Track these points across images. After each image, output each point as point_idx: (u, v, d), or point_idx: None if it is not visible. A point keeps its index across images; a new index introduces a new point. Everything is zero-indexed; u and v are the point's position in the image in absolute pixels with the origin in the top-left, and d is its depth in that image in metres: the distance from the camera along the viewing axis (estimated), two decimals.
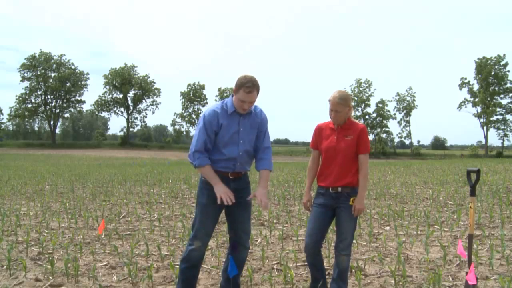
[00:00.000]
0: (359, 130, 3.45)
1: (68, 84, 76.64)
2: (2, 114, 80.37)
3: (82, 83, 78.93)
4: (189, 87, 76.65)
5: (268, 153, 3.50)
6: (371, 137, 73.85)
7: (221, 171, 3.35)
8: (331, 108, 3.43)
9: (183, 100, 76.52)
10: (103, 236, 5.92)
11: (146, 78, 78.95)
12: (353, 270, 4.26)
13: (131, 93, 78.47)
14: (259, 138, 3.48)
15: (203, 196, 3.37)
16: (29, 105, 76.04)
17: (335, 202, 3.46)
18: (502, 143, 67.29)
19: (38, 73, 75.42)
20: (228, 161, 3.35)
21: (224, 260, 3.67)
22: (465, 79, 67.17)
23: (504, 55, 64.91)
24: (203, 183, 3.39)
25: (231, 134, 3.33)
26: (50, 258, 4.55)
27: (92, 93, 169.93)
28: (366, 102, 71.02)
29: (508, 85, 64.55)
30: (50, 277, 4.21)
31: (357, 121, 3.57)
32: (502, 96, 65.30)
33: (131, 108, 79.21)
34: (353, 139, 3.43)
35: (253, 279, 4.08)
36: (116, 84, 77.09)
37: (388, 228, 6.46)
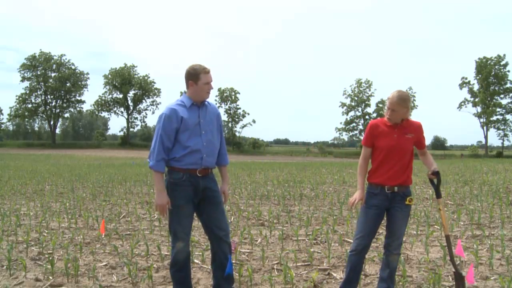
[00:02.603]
0: (418, 127, 3.46)
1: (68, 84, 76.57)
2: (2, 114, 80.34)
3: (82, 83, 78.87)
4: None
5: (224, 148, 3.67)
6: None
7: (189, 169, 3.34)
8: (389, 107, 3.39)
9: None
10: (103, 236, 5.92)
11: (146, 78, 78.87)
12: None
13: (131, 93, 78.39)
14: (219, 132, 3.60)
15: (175, 197, 3.35)
16: (29, 105, 75.98)
17: (389, 203, 3.41)
18: (502, 143, 67.37)
19: (38, 73, 75.39)
20: (194, 154, 3.34)
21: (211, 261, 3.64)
22: (466, 79, 67.20)
23: (504, 55, 64.95)
24: (172, 185, 3.37)
25: (193, 126, 3.37)
26: (50, 258, 4.54)
27: (92, 93, 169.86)
28: (366, 102, 70.98)
29: (508, 85, 64.54)
30: (50, 277, 4.21)
31: (411, 119, 3.51)
32: (502, 96, 65.30)
33: (131, 108, 79.13)
34: (413, 137, 3.42)
35: (253, 279, 4.08)
36: (116, 84, 77.01)
37: None
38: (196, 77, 3.36)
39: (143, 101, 79.38)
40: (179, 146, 3.35)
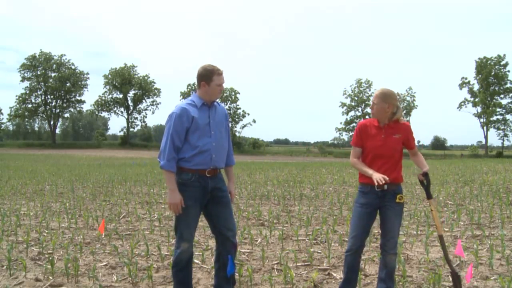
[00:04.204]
0: (406, 128, 3.47)
1: (68, 84, 76.59)
2: (2, 114, 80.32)
3: (82, 83, 78.89)
4: (189, 87, 76.66)
5: (231, 149, 3.68)
6: None
7: (198, 169, 3.34)
8: (371, 101, 3.46)
9: (183, 100, 76.43)
10: (103, 236, 5.92)
11: (146, 78, 78.87)
12: None
13: (131, 93, 78.40)
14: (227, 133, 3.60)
15: (184, 198, 3.34)
16: (29, 105, 76.01)
17: (380, 201, 3.41)
18: (502, 143, 67.38)
19: (38, 73, 75.40)
20: (203, 154, 3.34)
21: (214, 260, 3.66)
22: (466, 79, 67.22)
23: (504, 55, 64.94)
24: (181, 185, 3.36)
25: (203, 126, 3.36)
26: (50, 258, 4.55)
27: (92, 93, 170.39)
28: (366, 102, 70.94)
29: (508, 85, 64.54)
30: (50, 277, 4.21)
31: (403, 120, 3.51)
32: (502, 96, 65.30)
33: (131, 108, 79.14)
34: (401, 137, 3.43)
35: (253, 279, 4.08)
36: (116, 84, 77.02)
37: None
38: (209, 78, 3.35)
39: (143, 101, 79.42)
40: (189, 146, 3.34)
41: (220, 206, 3.45)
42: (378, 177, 3.23)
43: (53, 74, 76.66)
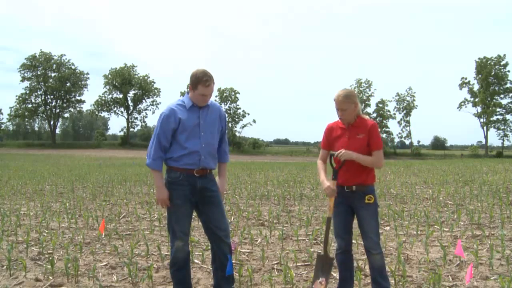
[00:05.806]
0: (370, 127, 3.41)
1: (68, 84, 76.64)
2: (2, 114, 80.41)
3: (82, 83, 78.95)
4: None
5: (226, 146, 3.69)
6: None
7: (186, 169, 3.36)
8: (337, 107, 3.41)
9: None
10: (103, 236, 5.92)
11: (146, 78, 78.90)
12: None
13: (131, 93, 78.43)
14: (219, 134, 3.60)
15: (173, 196, 3.37)
16: (29, 105, 76.03)
17: (351, 201, 3.43)
18: (502, 143, 67.38)
19: (38, 73, 75.43)
20: (191, 155, 3.36)
21: (211, 260, 3.66)
22: (465, 79, 67.28)
23: (504, 55, 64.98)
24: (170, 184, 3.40)
25: (192, 127, 3.37)
26: (50, 258, 4.55)
27: (92, 93, 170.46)
28: (366, 102, 70.95)
29: (508, 85, 64.58)
30: (50, 277, 4.21)
31: (367, 117, 3.50)
32: (502, 96, 65.34)
33: (131, 108, 79.16)
34: (364, 137, 3.40)
35: (253, 279, 4.08)
36: (116, 84, 77.02)
37: (388, 228, 6.46)
38: (194, 85, 3.36)
39: (143, 101, 79.45)
40: (178, 146, 3.37)
41: (210, 206, 3.46)
42: (326, 191, 3.44)
43: (53, 74, 76.68)
